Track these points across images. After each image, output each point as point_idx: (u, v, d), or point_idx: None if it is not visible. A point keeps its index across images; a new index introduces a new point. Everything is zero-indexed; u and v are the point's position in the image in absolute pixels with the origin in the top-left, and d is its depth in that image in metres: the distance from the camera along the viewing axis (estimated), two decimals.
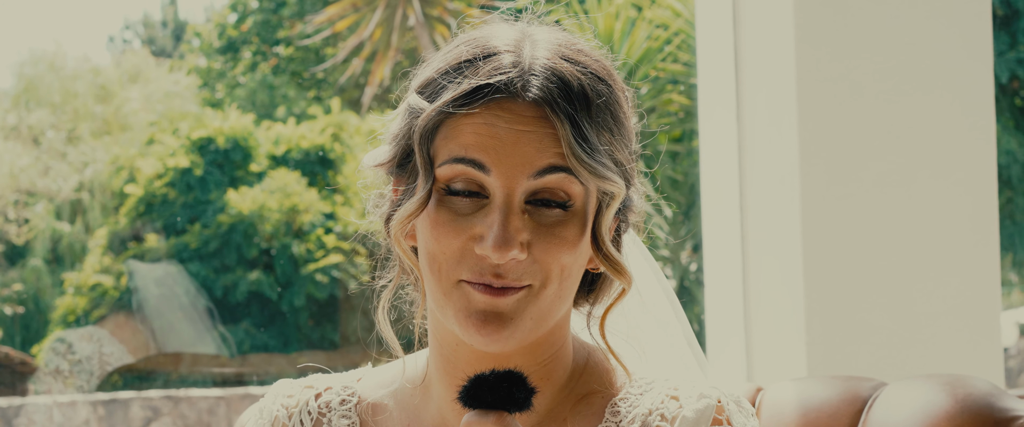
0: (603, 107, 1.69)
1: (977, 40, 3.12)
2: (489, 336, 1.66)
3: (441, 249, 1.67)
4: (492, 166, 1.65)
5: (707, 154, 3.34)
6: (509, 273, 1.66)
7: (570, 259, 1.68)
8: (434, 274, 1.69)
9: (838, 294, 3.07)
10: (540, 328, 1.70)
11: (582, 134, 1.65)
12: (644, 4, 14.85)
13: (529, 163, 1.65)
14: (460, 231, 1.67)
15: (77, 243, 17.44)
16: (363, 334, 17.19)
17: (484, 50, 1.70)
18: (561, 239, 1.67)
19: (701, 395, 1.71)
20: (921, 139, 3.10)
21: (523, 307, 1.67)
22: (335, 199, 17.54)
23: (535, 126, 1.66)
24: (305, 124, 18.22)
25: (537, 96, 1.66)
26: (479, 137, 1.66)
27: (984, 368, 3.11)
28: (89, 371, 13.11)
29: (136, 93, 19.12)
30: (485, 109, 1.66)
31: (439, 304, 1.70)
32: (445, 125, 1.68)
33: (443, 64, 1.71)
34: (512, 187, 1.66)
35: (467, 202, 1.67)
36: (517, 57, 1.69)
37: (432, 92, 1.70)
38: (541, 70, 1.68)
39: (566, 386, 1.77)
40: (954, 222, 3.11)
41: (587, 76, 1.69)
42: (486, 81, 1.67)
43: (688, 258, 14.37)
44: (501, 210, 1.65)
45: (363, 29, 18.90)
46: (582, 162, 1.65)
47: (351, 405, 1.86)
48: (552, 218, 1.67)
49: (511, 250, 1.64)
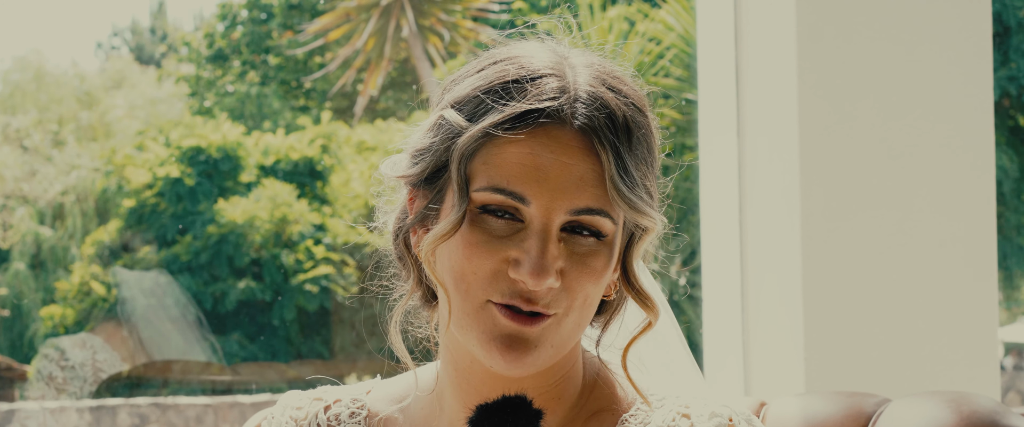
0: (642, 140, 1.67)
1: (976, 61, 3.13)
2: (512, 362, 1.65)
3: (473, 269, 1.65)
4: (533, 198, 1.63)
5: (707, 169, 3.34)
6: (540, 299, 1.64)
7: (595, 290, 1.67)
8: (461, 293, 1.66)
9: (837, 309, 3.07)
10: (559, 354, 1.69)
11: (624, 167, 1.64)
12: (637, 18, 14.86)
13: (569, 198, 1.63)
14: (494, 253, 1.64)
15: (59, 248, 17.39)
16: (351, 348, 17.16)
17: (528, 72, 1.67)
18: (591, 270, 1.66)
19: (713, 413, 1.71)
20: (921, 156, 3.10)
21: (548, 335, 1.66)
22: (324, 210, 17.52)
23: (578, 158, 1.63)
24: (295, 135, 18.21)
25: (584, 124, 1.64)
26: (523, 168, 1.63)
27: (981, 384, 3.12)
28: (82, 378, 13.07)
29: (120, 99, 19.10)
30: (530, 136, 1.63)
31: (462, 325, 1.68)
32: (485, 148, 1.65)
33: (484, 82, 1.67)
34: (551, 218, 1.64)
35: (503, 224, 1.65)
36: (562, 82, 1.66)
37: (472, 111, 1.66)
38: (587, 98, 1.65)
39: (577, 404, 1.77)
40: (952, 239, 3.12)
41: (629, 107, 1.67)
42: (535, 106, 1.64)
43: (678, 272, 14.37)
44: (540, 237, 1.64)
45: (356, 39, 18.88)
46: (623, 196, 1.64)
47: (360, 418, 1.84)
48: (585, 248, 1.66)
49: (548, 278, 1.63)
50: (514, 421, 1.56)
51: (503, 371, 1.66)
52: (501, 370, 1.66)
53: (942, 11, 3.11)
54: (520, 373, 1.66)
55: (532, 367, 1.66)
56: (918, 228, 3.09)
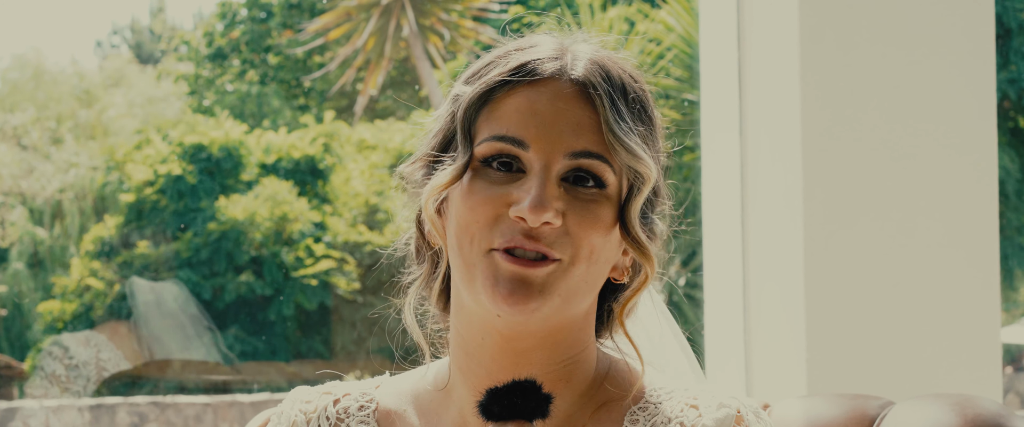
0: (637, 100, 1.74)
1: (979, 64, 3.13)
2: (515, 305, 1.67)
3: (475, 218, 1.69)
4: (531, 142, 1.69)
5: (708, 169, 3.34)
6: (542, 238, 1.67)
7: (601, 241, 1.70)
8: (465, 245, 1.70)
9: (839, 311, 3.07)
10: (566, 307, 1.71)
11: (619, 113, 1.70)
12: (637, 18, 14.87)
13: (567, 142, 1.69)
14: (496, 199, 1.69)
15: (57, 246, 17.40)
16: (352, 346, 17.17)
17: (529, 44, 1.77)
18: (595, 216, 1.69)
19: (721, 404, 1.73)
20: (923, 158, 3.10)
21: (553, 281, 1.68)
22: (325, 209, 17.53)
23: (575, 104, 1.71)
24: (296, 133, 18.22)
25: (580, 76, 1.71)
26: (520, 114, 1.70)
27: (983, 387, 3.12)
28: (86, 377, 13.08)
29: (119, 98, 19.10)
30: (528, 86, 1.71)
31: (467, 278, 1.71)
32: (488, 106, 1.72)
33: (489, 57, 1.77)
34: (549, 161, 1.69)
35: (504, 175, 1.70)
36: (561, 49, 1.75)
37: (478, 78, 1.75)
38: (584, 57, 1.74)
39: (586, 393, 1.78)
40: (954, 240, 3.12)
41: (625, 72, 1.75)
42: (533, 57, 1.73)
43: (677, 272, 14.37)
44: (539, 177, 1.69)
45: (356, 38, 18.88)
46: (618, 139, 1.69)
47: (369, 411, 1.85)
48: (588, 195, 1.70)
49: (547, 212, 1.66)
50: (524, 404, 1.57)
51: (509, 316, 1.68)
52: (508, 315, 1.68)
53: (944, 13, 3.11)
54: (526, 318, 1.68)
55: (538, 312, 1.68)
56: (920, 230, 3.09)
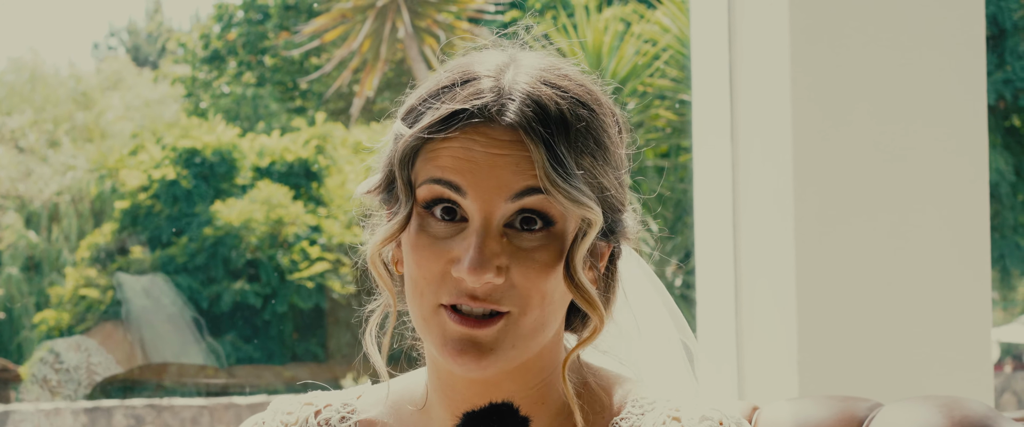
0: (584, 132, 1.67)
1: (970, 64, 3.13)
2: (466, 365, 1.65)
3: (421, 274, 1.66)
4: (468, 189, 1.65)
5: (700, 171, 3.34)
6: (488, 296, 1.64)
7: (550, 285, 1.66)
8: (417, 299, 1.68)
9: (831, 313, 3.07)
10: (523, 355, 1.69)
11: (557, 158, 1.64)
12: (633, 20, 14.88)
13: (506, 186, 1.64)
14: (439, 255, 1.66)
15: (53, 250, 17.40)
16: (347, 349, 17.17)
17: (464, 75, 1.70)
18: (540, 264, 1.65)
19: (703, 417, 1.71)
20: (914, 159, 3.10)
21: (503, 337, 1.66)
22: (320, 212, 17.53)
23: (511, 150, 1.65)
24: (289, 136, 18.22)
25: (513, 120, 1.65)
26: (456, 160, 1.65)
27: (974, 388, 3.11)
28: (77, 381, 13.08)
29: (116, 100, 19.11)
30: (462, 134, 1.65)
31: (421, 330, 1.70)
32: (424, 149, 1.67)
33: (425, 91, 1.71)
34: (489, 210, 1.65)
35: (446, 226, 1.66)
36: (496, 82, 1.68)
37: (413, 119, 1.70)
38: (519, 95, 1.67)
39: (562, 411, 1.76)
40: (946, 242, 3.11)
41: (567, 100, 1.68)
42: (462, 106, 1.66)
43: (673, 273, 14.38)
44: (478, 233, 1.64)
45: (352, 40, 18.89)
46: (557, 186, 1.63)
47: (350, 422, 1.85)
48: (531, 242, 1.66)
49: (486, 273, 1.63)
50: None
51: (463, 374, 1.67)
52: (461, 373, 1.67)
53: (935, 13, 3.11)
54: (481, 376, 1.67)
55: (491, 369, 1.66)
56: (912, 231, 3.09)
